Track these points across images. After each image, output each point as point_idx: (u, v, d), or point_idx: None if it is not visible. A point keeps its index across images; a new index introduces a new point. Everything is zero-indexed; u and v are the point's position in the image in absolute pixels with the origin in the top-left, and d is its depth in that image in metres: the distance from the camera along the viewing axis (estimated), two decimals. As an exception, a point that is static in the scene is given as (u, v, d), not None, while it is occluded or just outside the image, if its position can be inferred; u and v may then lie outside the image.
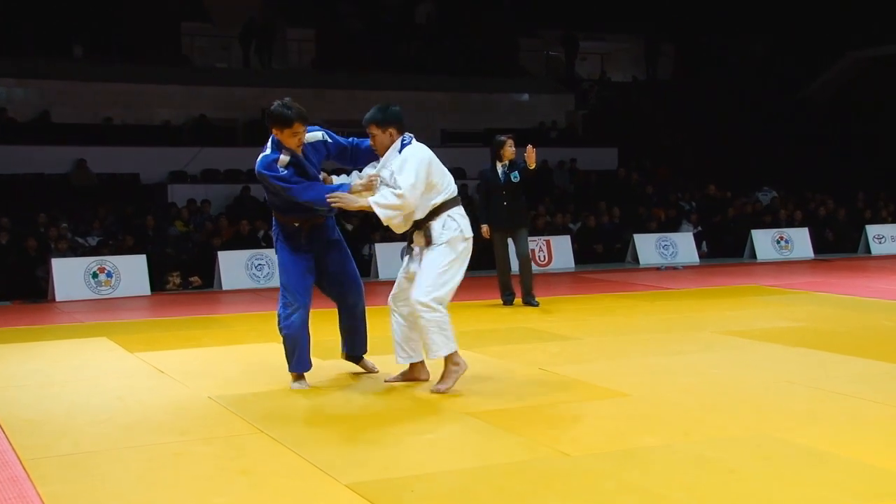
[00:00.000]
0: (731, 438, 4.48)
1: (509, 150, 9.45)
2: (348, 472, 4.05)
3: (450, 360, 5.60)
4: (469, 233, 5.66)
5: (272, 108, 5.60)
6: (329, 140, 5.93)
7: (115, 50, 20.06)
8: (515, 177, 9.46)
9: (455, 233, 5.57)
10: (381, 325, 6.22)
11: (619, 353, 6.96)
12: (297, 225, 5.86)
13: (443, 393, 5.51)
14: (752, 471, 3.98)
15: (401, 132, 5.63)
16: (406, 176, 5.42)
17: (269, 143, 5.70)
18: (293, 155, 5.63)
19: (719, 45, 23.99)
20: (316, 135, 5.85)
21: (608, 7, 24.40)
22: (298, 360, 5.84)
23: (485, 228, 9.47)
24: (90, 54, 20.01)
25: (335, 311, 6.17)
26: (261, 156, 5.67)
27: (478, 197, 9.99)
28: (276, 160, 5.58)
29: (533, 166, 8.94)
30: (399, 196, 5.41)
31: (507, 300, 9.91)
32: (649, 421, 4.86)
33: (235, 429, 4.89)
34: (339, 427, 4.91)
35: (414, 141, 5.64)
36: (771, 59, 23.94)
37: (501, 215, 9.55)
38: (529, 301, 9.73)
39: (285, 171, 5.58)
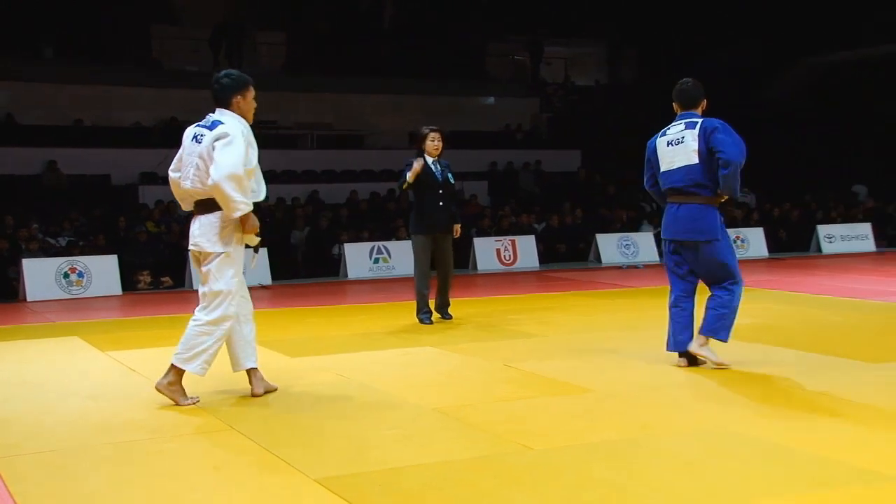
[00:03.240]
0: (688, 432, 4.55)
1: (431, 143, 8.33)
2: (317, 467, 4.05)
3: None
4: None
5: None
6: None
7: (85, 52, 19.82)
8: (452, 179, 8.51)
9: None
10: (355, 323, 6.21)
11: (582, 349, 7.01)
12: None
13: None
14: (708, 463, 4.04)
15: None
16: None
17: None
18: None
19: (681, 50, 24.16)
20: None
21: (572, 13, 24.51)
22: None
23: (418, 163, 8.18)
24: (60, 56, 19.77)
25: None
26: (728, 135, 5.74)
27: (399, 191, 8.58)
28: None
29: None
30: None
31: (426, 319, 8.43)
32: (611, 416, 4.92)
33: (206, 426, 4.88)
34: (308, 424, 4.91)
35: None
36: (732, 65, 24.14)
37: (436, 217, 8.35)
38: (446, 314, 8.65)
39: None
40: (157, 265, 13.07)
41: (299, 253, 15.00)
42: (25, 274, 11.93)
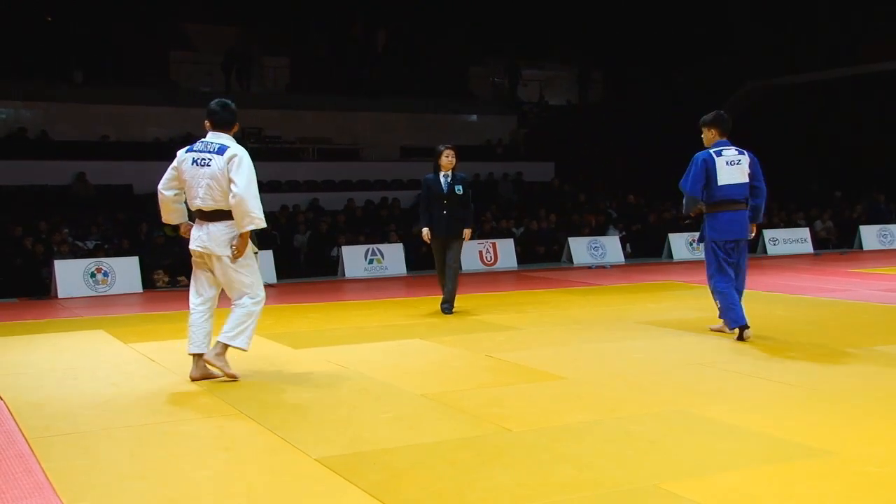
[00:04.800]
0: (652, 414, 4.53)
1: (445, 160, 8.47)
2: (318, 447, 4.01)
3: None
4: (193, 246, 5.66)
5: None
6: None
7: (111, 75, 19.75)
8: (459, 190, 8.50)
9: None
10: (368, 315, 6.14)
11: (556, 341, 6.99)
12: None
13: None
14: (670, 442, 4.02)
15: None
16: None
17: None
18: None
19: (642, 74, 24.24)
20: None
21: (546, 39, 24.57)
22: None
23: (425, 232, 8.52)
24: (89, 79, 19.69)
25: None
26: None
27: (420, 202, 8.65)
28: None
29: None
30: None
31: (444, 308, 8.61)
32: (581, 400, 4.89)
33: (217, 410, 4.82)
34: (309, 408, 4.87)
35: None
36: (687, 87, 24.25)
37: (440, 224, 8.48)
38: (447, 309, 8.60)
39: None
40: (174, 266, 12.96)
41: (301, 254, 14.93)
42: (57, 273, 11.84)
